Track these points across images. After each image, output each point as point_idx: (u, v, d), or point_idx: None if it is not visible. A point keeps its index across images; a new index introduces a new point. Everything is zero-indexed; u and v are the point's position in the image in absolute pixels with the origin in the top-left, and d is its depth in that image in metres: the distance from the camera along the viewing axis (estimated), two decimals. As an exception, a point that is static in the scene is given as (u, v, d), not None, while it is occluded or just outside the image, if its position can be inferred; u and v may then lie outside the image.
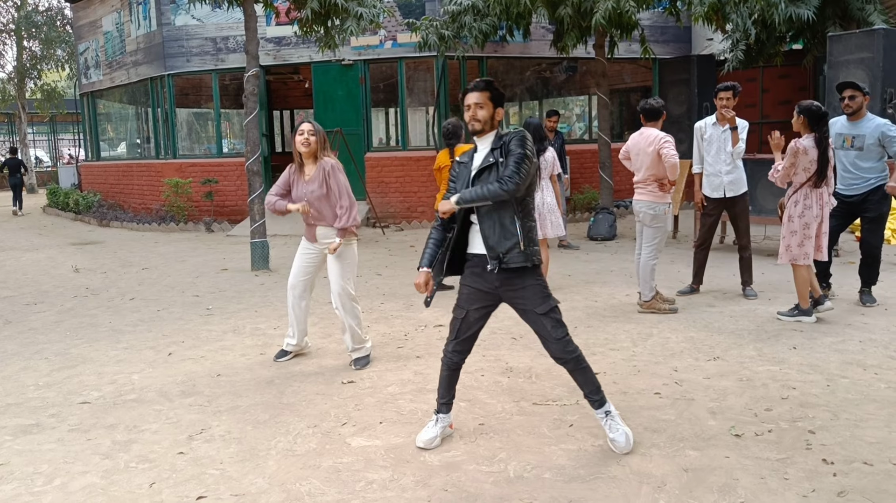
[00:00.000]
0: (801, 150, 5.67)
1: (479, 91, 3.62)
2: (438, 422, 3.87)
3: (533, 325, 3.67)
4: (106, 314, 7.16)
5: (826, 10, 11.75)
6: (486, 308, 3.76)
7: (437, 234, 3.78)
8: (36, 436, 4.13)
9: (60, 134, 34.93)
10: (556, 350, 3.63)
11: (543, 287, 3.64)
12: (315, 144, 5.16)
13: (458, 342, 3.82)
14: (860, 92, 6.33)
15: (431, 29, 11.60)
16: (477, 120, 3.60)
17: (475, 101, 3.61)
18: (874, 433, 3.78)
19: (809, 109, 5.71)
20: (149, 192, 15.61)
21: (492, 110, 3.63)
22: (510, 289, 3.62)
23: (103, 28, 17.23)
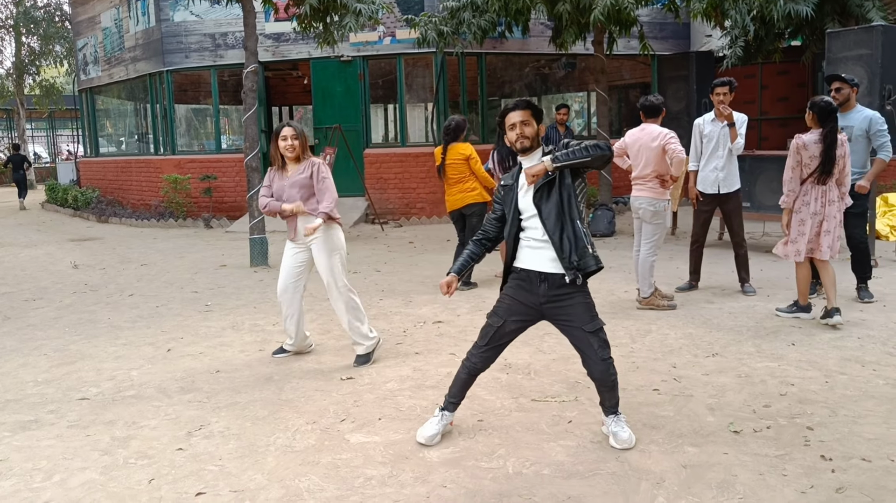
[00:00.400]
0: (801, 145, 5.63)
1: (521, 109, 3.63)
2: (442, 419, 3.86)
3: (578, 343, 3.66)
4: (105, 310, 7.16)
5: (825, 6, 11.73)
6: (525, 322, 3.75)
7: (476, 248, 3.84)
8: (35, 433, 4.13)
9: (59, 130, 34.88)
10: (600, 371, 3.63)
11: (592, 305, 3.65)
12: (299, 148, 5.14)
13: (488, 349, 3.79)
14: (847, 84, 6.41)
15: (430, 25, 11.58)
16: (525, 137, 3.62)
17: (520, 120, 3.62)
18: (872, 429, 3.79)
19: (818, 105, 5.63)
20: (147, 188, 15.60)
21: (536, 127, 3.66)
22: (557, 305, 3.61)
23: (102, 24, 17.20)
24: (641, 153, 6.27)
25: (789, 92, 15.24)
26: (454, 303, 6.91)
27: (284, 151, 5.12)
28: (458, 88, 13.81)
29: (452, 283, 3.76)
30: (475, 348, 3.83)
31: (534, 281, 3.62)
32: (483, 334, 3.80)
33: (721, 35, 13.47)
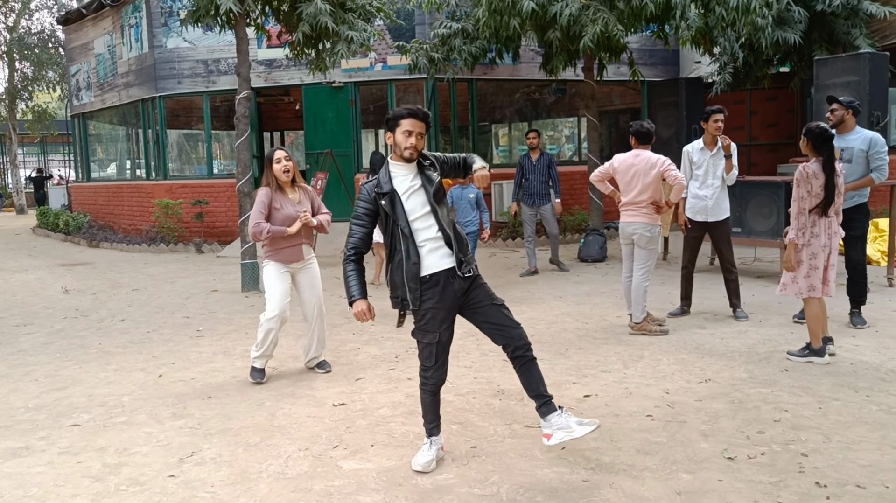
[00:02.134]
0: (812, 173, 5.30)
1: (421, 120, 3.70)
2: (433, 445, 3.85)
3: (493, 319, 3.73)
4: (96, 336, 7.12)
5: (812, 33, 11.91)
6: (453, 324, 3.80)
7: (356, 266, 3.85)
8: (25, 460, 4.09)
9: (51, 155, 34.84)
10: (519, 335, 3.72)
11: (487, 286, 3.82)
12: (294, 169, 5.41)
13: (439, 365, 3.80)
14: (841, 105, 6.44)
15: (421, 52, 11.68)
16: (417, 150, 3.72)
17: (418, 131, 3.70)
18: (866, 456, 3.79)
19: (812, 131, 5.38)
20: (139, 212, 15.57)
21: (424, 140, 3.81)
22: (471, 292, 3.72)
23: (95, 50, 17.26)
24: (636, 179, 6.29)
25: (779, 118, 15.40)
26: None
27: (280, 174, 5.31)
28: (449, 114, 13.89)
29: (371, 307, 3.82)
30: (427, 371, 3.81)
31: (447, 280, 3.67)
32: (427, 355, 3.78)
33: (710, 61, 13.65)
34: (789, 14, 11.51)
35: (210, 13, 9.04)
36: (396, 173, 3.75)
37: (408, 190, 3.71)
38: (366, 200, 3.75)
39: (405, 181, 3.73)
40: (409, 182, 3.73)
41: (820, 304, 5.51)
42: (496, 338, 3.76)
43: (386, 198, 3.68)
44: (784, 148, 15.02)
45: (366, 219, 3.77)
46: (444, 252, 3.69)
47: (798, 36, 11.49)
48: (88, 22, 17.36)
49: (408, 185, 3.72)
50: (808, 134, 5.40)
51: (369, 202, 3.74)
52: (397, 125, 3.68)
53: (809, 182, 5.31)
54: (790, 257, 5.44)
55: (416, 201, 3.71)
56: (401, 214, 3.67)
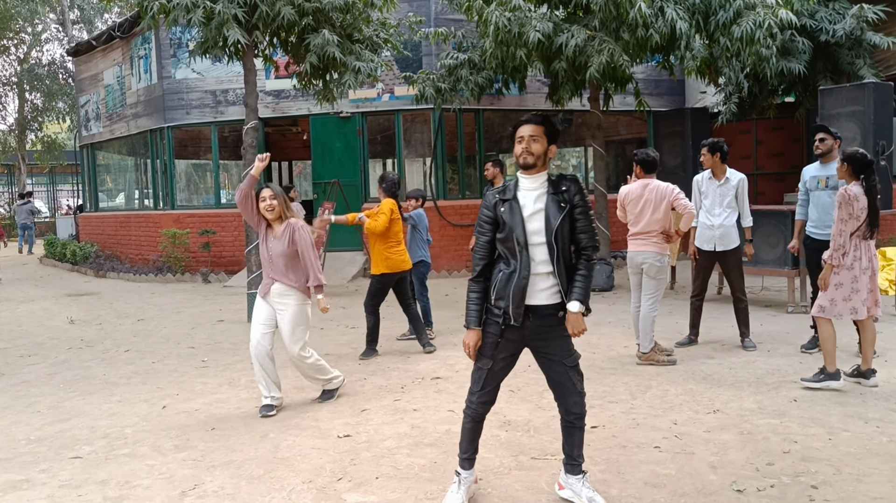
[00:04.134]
0: (853, 196, 5.27)
1: (532, 124, 3.49)
2: (462, 484, 3.69)
3: (556, 377, 3.60)
4: (100, 366, 7.10)
5: (817, 63, 11.96)
6: (514, 358, 3.65)
7: (479, 286, 3.58)
8: (26, 493, 4.06)
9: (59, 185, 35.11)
10: (577, 404, 3.59)
11: (570, 338, 3.58)
12: (279, 207, 5.35)
13: (486, 392, 3.66)
14: (830, 135, 6.54)
15: (428, 82, 11.77)
16: (530, 153, 3.47)
17: (529, 134, 3.47)
18: (878, 488, 3.73)
19: (854, 157, 5.40)
20: (146, 242, 15.63)
21: (546, 146, 3.51)
22: (543, 339, 3.55)
23: (104, 81, 17.46)
24: (647, 209, 6.29)
25: (784, 147, 15.41)
26: (452, 358, 6.86)
27: (265, 212, 5.33)
28: (456, 144, 13.95)
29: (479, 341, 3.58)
30: (472, 395, 3.69)
31: (535, 316, 3.50)
32: (476, 379, 3.66)
33: (715, 91, 13.69)
34: (793, 45, 11.57)
35: (218, 44, 9.14)
36: (522, 185, 3.53)
37: (532, 207, 3.48)
38: (487, 207, 3.56)
39: (530, 195, 3.50)
40: (535, 199, 3.49)
41: (832, 326, 5.52)
42: (553, 392, 3.67)
43: (506, 204, 3.49)
44: (790, 177, 15.00)
45: (486, 227, 3.55)
46: (547, 285, 3.48)
47: (802, 66, 11.53)
48: (98, 53, 17.58)
49: (533, 200, 3.49)
50: (850, 160, 5.43)
51: (490, 209, 3.54)
52: (514, 138, 3.55)
53: (851, 204, 5.34)
54: (826, 276, 5.49)
55: (539, 224, 3.46)
56: (518, 223, 3.44)
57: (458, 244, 13.35)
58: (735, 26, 9.34)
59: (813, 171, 6.66)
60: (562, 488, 3.72)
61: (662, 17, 9.19)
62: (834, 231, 5.44)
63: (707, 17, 9.68)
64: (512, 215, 3.47)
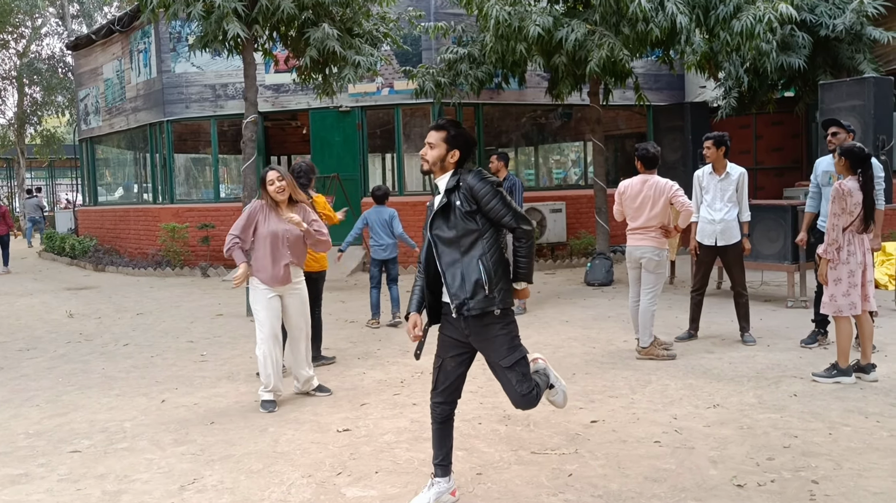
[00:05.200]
0: (846, 191, 5.35)
1: (432, 130, 3.54)
2: (433, 487, 3.61)
3: (498, 378, 3.55)
4: (99, 360, 7.09)
5: (817, 58, 11.93)
6: (462, 356, 3.58)
7: (423, 280, 3.61)
8: (24, 487, 4.05)
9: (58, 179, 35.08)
10: (520, 405, 3.52)
11: (512, 337, 3.47)
12: (288, 188, 5.32)
13: (440, 392, 3.60)
14: (843, 129, 6.43)
15: (428, 76, 11.73)
16: (425, 160, 3.53)
17: (428, 141, 3.53)
18: (878, 483, 3.72)
19: (851, 151, 5.44)
20: (145, 236, 15.60)
21: (446, 152, 3.51)
22: (478, 339, 3.48)
23: (104, 75, 17.42)
24: (645, 205, 6.28)
25: (784, 142, 15.39)
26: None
27: (276, 195, 5.27)
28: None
29: (417, 324, 3.56)
30: (431, 395, 3.65)
31: (450, 312, 3.49)
32: (433, 378, 3.65)
33: (715, 86, 13.66)
34: (793, 39, 11.54)
35: (218, 38, 9.11)
36: (437, 189, 3.58)
37: (435, 208, 3.53)
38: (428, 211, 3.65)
39: (438, 198, 3.55)
40: (439, 200, 3.53)
41: (850, 322, 5.53)
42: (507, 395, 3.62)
43: (429, 207, 3.60)
44: (790, 172, 15.00)
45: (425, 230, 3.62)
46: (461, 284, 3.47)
47: (802, 61, 11.51)
48: (98, 47, 17.54)
49: (437, 202, 3.53)
50: (847, 154, 5.45)
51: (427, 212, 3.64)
52: None
53: (844, 199, 5.37)
54: (823, 271, 5.54)
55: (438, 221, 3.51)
56: (427, 225, 3.55)
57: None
58: (735, 21, 9.31)
59: (825, 165, 6.58)
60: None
61: (662, 11, 9.16)
62: (827, 225, 5.49)
63: (707, 12, 9.65)
64: (427, 217, 3.58)
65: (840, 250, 5.45)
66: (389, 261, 8.38)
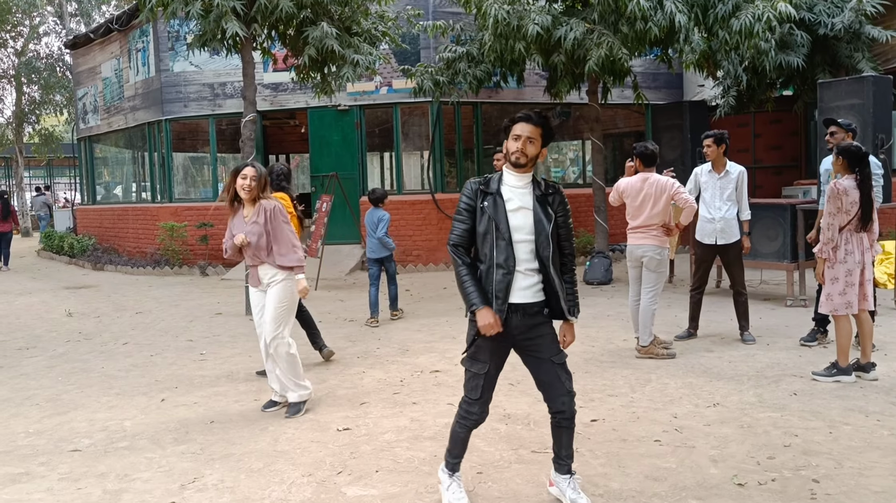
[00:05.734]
0: (842, 190, 5.36)
1: (532, 125, 3.41)
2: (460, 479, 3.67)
3: (544, 376, 3.52)
4: (98, 359, 7.08)
5: (815, 57, 11.93)
6: (503, 359, 3.56)
7: (466, 268, 3.43)
8: (25, 486, 4.04)
9: (57, 178, 35.03)
10: (567, 403, 3.51)
11: (556, 336, 3.54)
12: (255, 189, 5.05)
13: (484, 402, 3.54)
14: (842, 129, 6.46)
15: (426, 75, 11.73)
16: (524, 154, 3.40)
17: (527, 135, 3.40)
18: (879, 482, 3.73)
19: (848, 150, 5.45)
20: (144, 235, 15.59)
21: (539, 149, 3.45)
22: (527, 337, 3.47)
23: (102, 74, 17.39)
24: (646, 203, 6.28)
25: (782, 140, 15.40)
26: (451, 352, 6.85)
27: (240, 191, 5.04)
28: (454, 137, 13.91)
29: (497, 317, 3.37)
30: (470, 404, 3.55)
31: (522, 314, 3.43)
32: (472, 387, 3.52)
33: (713, 85, 13.67)
34: (792, 38, 11.53)
35: (216, 37, 9.10)
36: (507, 181, 3.47)
37: (517, 203, 3.43)
38: (468, 195, 3.46)
39: (515, 192, 3.44)
40: (519, 196, 3.44)
41: (850, 321, 5.54)
42: (541, 392, 3.59)
43: (489, 198, 3.41)
44: (788, 170, 15.01)
45: (465, 214, 3.45)
46: (530, 282, 3.43)
47: (801, 59, 11.51)
48: (96, 46, 17.51)
49: (517, 197, 3.44)
50: (845, 153, 5.46)
51: (472, 197, 3.45)
52: (510, 130, 3.45)
53: (840, 199, 5.38)
54: (819, 270, 5.58)
55: (523, 221, 3.42)
56: (502, 218, 3.38)
57: (456, 237, 13.31)
58: (734, 19, 9.31)
59: (827, 164, 6.60)
60: (551, 485, 3.69)
61: (661, 9, 9.16)
62: (822, 225, 5.51)
63: (706, 10, 9.65)
64: (496, 209, 3.39)
65: (837, 250, 5.46)
66: (385, 259, 8.46)
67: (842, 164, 5.49)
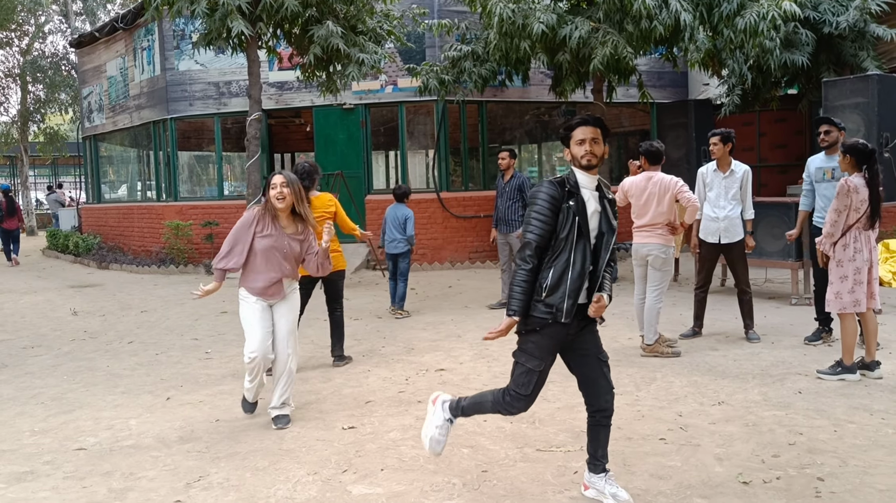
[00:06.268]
0: (853, 187, 5.32)
1: (592, 126, 3.49)
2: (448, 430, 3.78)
3: (590, 372, 3.56)
4: (104, 358, 7.10)
5: (820, 55, 11.92)
6: (555, 357, 3.57)
7: (530, 276, 3.41)
8: (30, 484, 4.06)
9: (62, 176, 35.08)
10: (609, 401, 3.58)
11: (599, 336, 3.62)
12: (290, 197, 4.79)
13: (533, 397, 3.51)
14: (835, 127, 6.48)
15: (432, 74, 11.73)
16: (594, 155, 3.47)
17: (591, 137, 3.47)
18: (884, 480, 3.72)
19: (855, 148, 5.41)
20: (149, 234, 15.62)
21: (603, 147, 3.52)
22: (582, 337, 3.53)
23: (107, 73, 17.43)
24: (651, 202, 6.29)
25: (787, 139, 15.37)
26: (457, 350, 6.86)
27: (274, 200, 4.78)
28: (459, 135, 13.92)
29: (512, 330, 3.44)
30: (517, 399, 3.48)
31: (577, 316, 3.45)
32: (524, 382, 3.44)
33: (718, 83, 13.65)
34: (797, 36, 11.52)
35: (222, 36, 9.13)
36: (582, 182, 3.48)
37: (592, 206, 3.47)
38: (553, 197, 3.41)
39: (589, 194, 3.48)
40: (593, 198, 3.48)
41: (855, 320, 5.53)
42: (583, 391, 3.62)
43: (574, 198, 3.41)
44: (793, 169, 14.96)
45: (550, 214, 3.39)
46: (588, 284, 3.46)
47: (806, 58, 11.49)
48: (101, 45, 17.54)
49: (591, 199, 3.48)
50: (852, 151, 5.43)
51: (556, 199, 3.40)
52: (570, 138, 3.53)
53: (849, 196, 5.36)
54: (821, 260, 5.67)
55: (595, 223, 3.47)
56: (585, 220, 3.41)
57: (460, 236, 13.35)
58: (739, 18, 9.31)
59: (818, 162, 6.62)
60: (587, 488, 3.67)
61: (666, 8, 9.15)
62: (828, 218, 5.50)
63: (711, 9, 9.64)
64: (580, 211, 3.41)
65: (846, 248, 5.44)
66: (400, 256, 8.70)
67: (849, 162, 5.46)
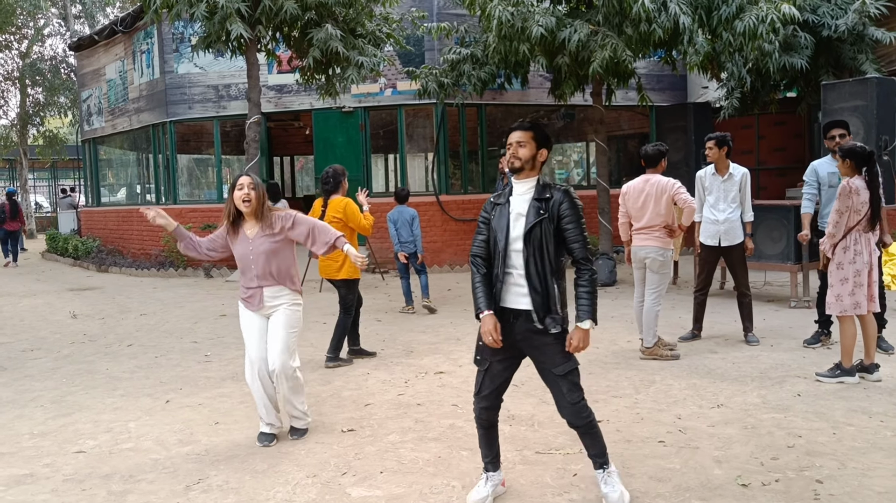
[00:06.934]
0: (854, 189, 5.34)
1: (521, 130, 3.52)
2: (489, 481, 3.68)
3: (549, 385, 3.57)
4: (103, 361, 7.10)
5: (819, 58, 11.94)
6: (510, 360, 3.60)
7: (480, 275, 3.53)
8: (29, 487, 4.06)
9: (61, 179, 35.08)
10: (569, 414, 3.52)
11: (560, 347, 3.49)
12: (256, 201, 4.56)
13: (484, 397, 3.61)
14: (847, 131, 6.47)
15: (431, 77, 11.75)
16: (517, 157, 3.48)
17: (517, 140, 3.50)
18: (883, 482, 3.73)
19: (854, 151, 5.41)
20: (148, 237, 15.62)
21: (535, 150, 3.51)
22: (531, 345, 3.51)
23: (107, 76, 17.44)
24: (648, 204, 6.29)
25: (786, 142, 15.39)
26: (456, 353, 6.86)
27: (238, 202, 4.55)
28: (459, 139, 13.94)
29: (497, 325, 3.46)
30: (475, 399, 3.66)
31: (507, 318, 3.49)
32: (476, 382, 3.65)
33: (717, 86, 13.67)
34: (796, 40, 11.54)
35: (221, 39, 9.14)
36: (515, 189, 3.56)
37: (518, 211, 3.49)
38: (485, 209, 3.61)
39: (519, 200, 3.51)
40: (522, 203, 3.49)
41: (854, 323, 5.52)
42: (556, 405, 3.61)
43: (497, 208, 3.53)
44: (792, 172, 14.98)
45: (482, 226, 3.59)
46: (522, 291, 3.46)
47: (805, 61, 11.51)
48: (100, 48, 17.56)
49: (520, 204, 3.50)
50: (851, 155, 5.43)
51: (486, 211, 3.60)
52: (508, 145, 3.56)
53: (851, 198, 5.37)
54: (823, 263, 5.67)
55: (520, 230, 3.46)
56: (502, 227, 3.47)
57: (460, 239, 13.35)
58: (738, 21, 9.32)
59: (828, 166, 6.55)
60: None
61: (665, 11, 9.16)
62: (830, 220, 5.52)
63: (710, 12, 9.66)
64: (499, 219, 3.51)
65: (846, 250, 5.45)
66: (412, 255, 9.05)
67: (849, 165, 5.46)
